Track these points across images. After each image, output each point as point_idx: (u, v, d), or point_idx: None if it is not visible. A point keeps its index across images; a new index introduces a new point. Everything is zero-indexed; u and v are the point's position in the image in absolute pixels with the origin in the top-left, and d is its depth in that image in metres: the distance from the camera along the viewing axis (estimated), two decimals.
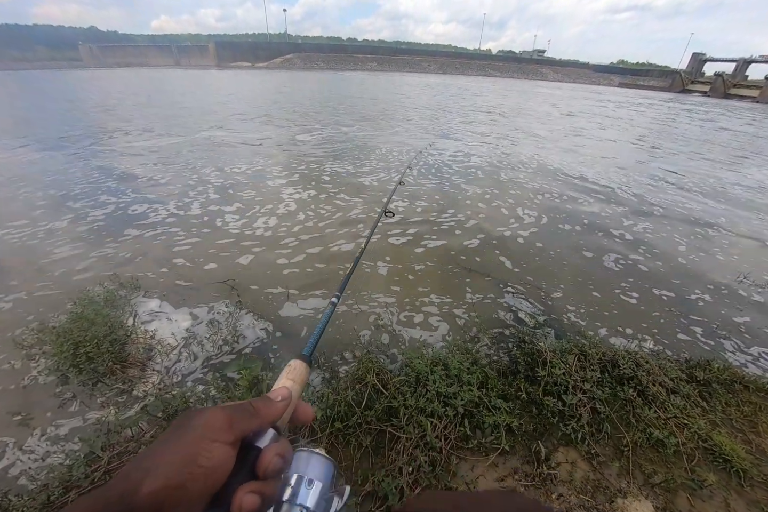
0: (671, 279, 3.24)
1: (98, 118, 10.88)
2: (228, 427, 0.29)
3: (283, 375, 0.40)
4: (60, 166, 5.89)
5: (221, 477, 0.27)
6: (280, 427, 0.34)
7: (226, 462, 0.28)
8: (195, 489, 0.26)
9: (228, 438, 0.28)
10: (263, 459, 0.30)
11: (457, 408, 1.57)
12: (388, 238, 3.67)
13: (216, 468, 0.27)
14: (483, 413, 1.58)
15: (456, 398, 1.61)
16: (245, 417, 0.31)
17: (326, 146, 7.56)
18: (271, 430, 0.32)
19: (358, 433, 1.52)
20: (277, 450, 0.31)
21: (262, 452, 0.30)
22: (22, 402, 1.86)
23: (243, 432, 0.30)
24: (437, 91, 25.50)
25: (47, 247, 3.35)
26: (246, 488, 0.28)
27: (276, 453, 0.30)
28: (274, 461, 0.30)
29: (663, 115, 19.35)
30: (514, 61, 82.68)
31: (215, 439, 0.28)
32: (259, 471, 0.30)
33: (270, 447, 0.31)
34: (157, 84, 26.88)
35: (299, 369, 0.41)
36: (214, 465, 0.27)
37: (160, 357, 2.06)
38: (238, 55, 73.89)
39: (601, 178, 6.13)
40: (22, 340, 2.20)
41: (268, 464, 0.30)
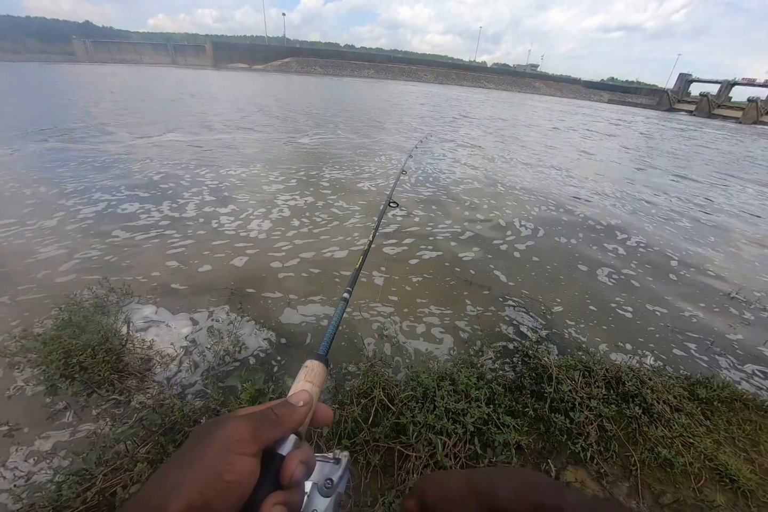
0: (664, 295, 3.32)
1: (94, 114, 10.66)
2: (252, 438, 0.28)
3: (300, 377, 0.39)
4: (52, 162, 5.73)
5: (247, 491, 0.26)
6: (302, 432, 0.33)
7: (252, 475, 0.27)
8: (221, 506, 0.25)
9: (252, 450, 0.27)
10: (287, 468, 0.29)
11: (467, 425, 1.55)
12: (383, 248, 3.65)
13: (242, 483, 0.26)
14: (492, 430, 1.56)
15: (465, 415, 1.59)
16: (269, 426, 0.30)
17: (324, 149, 7.57)
18: (292, 436, 0.31)
19: (366, 451, 1.48)
20: (300, 457, 0.30)
21: (285, 460, 0.29)
22: (7, 413, 1.75)
23: (267, 441, 0.29)
24: (435, 102, 25.95)
25: (33, 247, 3.22)
26: (272, 500, 0.27)
27: (300, 461, 0.30)
28: (299, 469, 0.29)
29: (654, 132, 20.11)
30: (508, 74, 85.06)
31: (240, 452, 0.27)
32: (284, 480, 0.29)
33: (293, 454, 0.30)
34: (155, 82, 26.61)
35: (317, 370, 0.39)
36: (239, 480, 0.26)
37: (160, 367, 1.98)
38: (235, 56, 73.94)
39: (595, 193, 6.29)
40: (5, 347, 2.09)
41: (292, 473, 0.29)
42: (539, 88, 76.34)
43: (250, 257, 3.28)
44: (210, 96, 18.73)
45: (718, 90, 55.30)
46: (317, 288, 2.89)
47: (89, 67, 45.97)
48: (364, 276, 3.09)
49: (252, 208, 4.35)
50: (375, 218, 4.32)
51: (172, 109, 12.91)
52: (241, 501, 0.26)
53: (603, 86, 79.59)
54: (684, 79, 62.78)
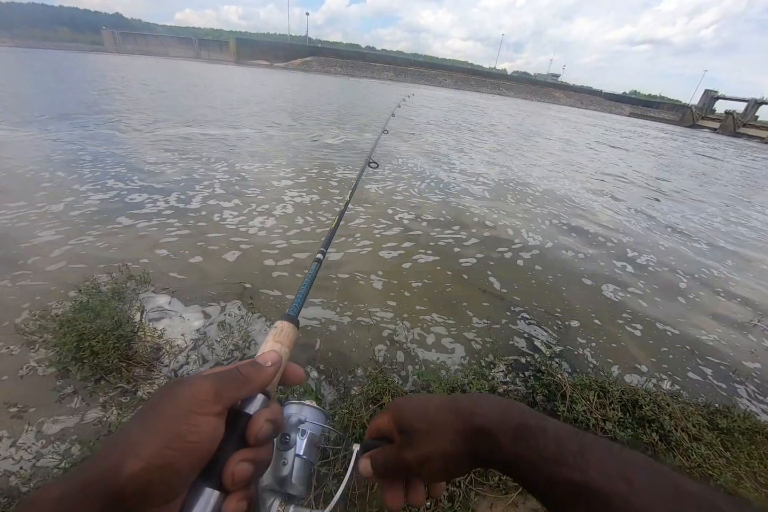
0: (675, 316, 3.20)
1: (122, 104, 10.91)
2: (215, 398, 0.27)
3: (269, 337, 0.38)
4: (76, 147, 5.86)
5: (211, 450, 0.26)
6: (270, 391, 0.33)
7: (215, 435, 0.27)
8: (183, 465, 0.25)
9: (215, 410, 0.27)
10: (253, 426, 0.29)
11: None
12: (379, 251, 3.61)
13: (205, 442, 0.26)
14: None
15: None
16: (233, 386, 0.29)
17: (343, 149, 7.59)
18: (260, 395, 0.31)
19: None
20: (267, 415, 0.30)
21: (251, 419, 0.29)
22: (18, 393, 1.77)
23: (231, 401, 0.29)
24: (456, 107, 25.90)
25: (33, 230, 3.27)
26: (237, 457, 0.27)
27: (266, 419, 0.30)
28: (265, 427, 0.29)
29: (677, 149, 19.72)
30: (528, 82, 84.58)
31: (202, 412, 0.26)
32: (250, 438, 0.29)
33: (260, 413, 0.30)
34: (180, 76, 27.13)
35: (286, 330, 0.39)
36: (202, 439, 0.26)
37: (168, 358, 1.98)
38: (257, 53, 75.05)
39: (610, 208, 6.15)
40: (23, 326, 2.12)
41: (258, 431, 0.29)
42: (559, 98, 75.70)
43: (243, 252, 3.27)
44: (233, 91, 19.03)
45: (744, 108, 54.03)
46: (314, 290, 2.88)
47: (117, 58, 47.16)
48: (376, 283, 3.06)
49: (255, 204, 4.36)
50: (381, 219, 4.36)
51: (195, 102, 13.13)
52: (206, 459, 0.26)
53: (625, 99, 78.57)
54: (709, 95, 61.56)
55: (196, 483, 0.26)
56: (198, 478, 0.26)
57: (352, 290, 2.90)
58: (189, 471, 0.25)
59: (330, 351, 2.22)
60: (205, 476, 0.26)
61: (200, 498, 0.26)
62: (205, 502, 0.26)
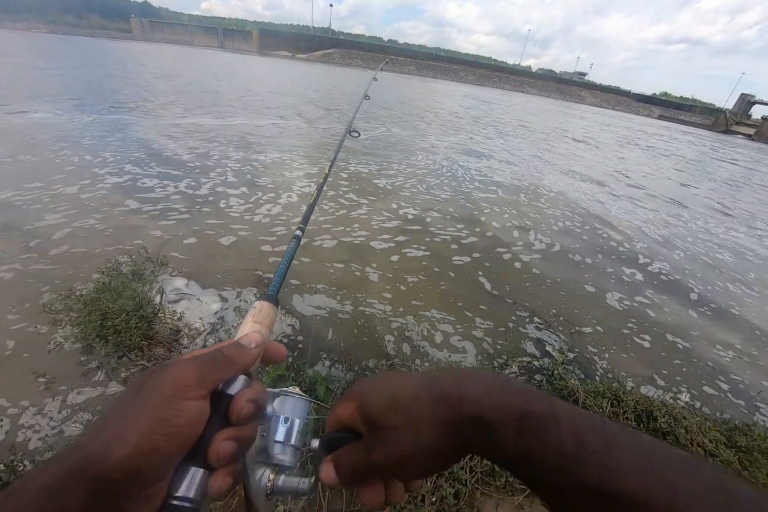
0: (686, 328, 3.08)
1: (151, 91, 11.15)
2: (198, 382, 0.27)
3: (248, 318, 0.37)
4: (106, 132, 6.04)
5: (196, 432, 0.27)
6: (252, 372, 0.33)
7: (201, 418, 0.27)
8: (170, 448, 0.25)
9: (200, 394, 0.27)
10: (235, 405, 0.29)
11: None
12: (377, 243, 3.61)
13: (191, 425, 0.26)
14: None
15: None
16: (217, 368, 0.29)
17: (363, 143, 7.56)
18: (242, 376, 0.31)
19: None
20: (248, 395, 0.30)
21: (233, 399, 0.30)
22: (46, 365, 1.86)
23: (215, 383, 0.29)
24: (478, 104, 25.38)
25: (41, 213, 3.36)
26: (221, 436, 0.28)
27: (248, 399, 0.30)
28: (247, 407, 0.29)
29: (703, 154, 18.85)
30: (553, 80, 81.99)
31: (186, 397, 0.26)
32: (232, 418, 0.29)
33: (242, 393, 0.30)
34: (206, 65, 27.45)
35: (265, 310, 0.38)
36: (188, 423, 0.26)
37: (188, 340, 2.05)
38: (280, 43, 75.16)
39: (626, 213, 5.92)
40: (49, 305, 2.21)
41: (240, 410, 0.29)
42: (585, 98, 73.20)
43: (240, 238, 3.31)
44: (257, 81, 19.16)
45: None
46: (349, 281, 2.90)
47: (147, 47, 48.01)
48: (369, 272, 3.05)
49: (261, 192, 4.40)
50: (384, 212, 4.33)
51: (219, 92, 13.29)
52: (192, 441, 0.27)
53: (654, 101, 75.31)
54: (746, 99, 58.40)
55: (182, 464, 0.26)
56: (184, 459, 0.26)
57: (366, 284, 2.91)
58: (175, 453, 0.26)
59: (342, 342, 2.25)
60: (191, 456, 0.27)
61: (186, 477, 0.26)
62: (192, 481, 0.26)
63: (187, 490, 0.26)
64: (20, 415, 1.61)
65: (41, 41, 33.88)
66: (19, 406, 1.65)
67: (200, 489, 0.27)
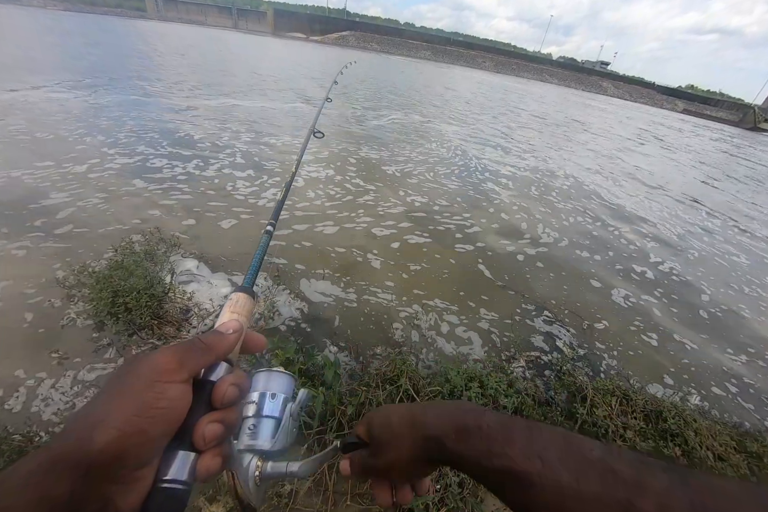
0: (696, 330, 2.99)
1: (167, 72, 11.02)
2: (179, 367, 0.28)
3: (226, 309, 0.39)
4: (122, 112, 6.01)
5: (180, 415, 0.28)
6: (232, 359, 0.34)
7: (183, 401, 0.28)
8: (155, 431, 0.26)
9: (181, 377, 0.28)
10: (218, 390, 0.30)
11: None
12: (379, 230, 3.55)
13: (174, 408, 0.27)
14: None
15: None
16: (196, 354, 0.30)
17: (379, 129, 7.40)
18: (223, 363, 0.33)
19: None
20: (230, 380, 0.31)
21: (216, 384, 0.31)
22: (59, 340, 1.90)
23: (195, 368, 0.30)
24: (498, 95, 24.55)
25: (48, 190, 3.36)
26: (207, 419, 0.29)
27: (230, 384, 0.31)
28: (229, 390, 0.30)
29: (732, 151, 18.04)
30: (574, 69, 78.66)
31: (167, 380, 0.27)
32: (216, 402, 0.30)
33: (223, 378, 0.31)
34: (223, 46, 26.94)
35: (242, 301, 0.40)
36: (171, 405, 0.27)
37: (197, 320, 2.06)
38: (294, 25, 73.24)
39: (640, 209, 5.69)
40: (64, 280, 2.24)
41: (222, 394, 0.30)
42: (606, 89, 70.25)
43: (241, 221, 3.30)
44: (274, 64, 18.77)
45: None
46: (349, 264, 2.88)
47: (162, 25, 47.19)
48: (398, 267, 3.02)
49: (267, 176, 4.35)
50: (392, 199, 4.25)
51: (236, 73, 13.07)
52: (177, 424, 0.27)
53: (680, 94, 71.92)
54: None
55: (169, 448, 0.27)
56: (171, 443, 0.27)
57: (369, 270, 2.89)
58: (161, 436, 0.26)
59: (349, 329, 2.24)
60: (178, 440, 0.28)
61: (175, 460, 0.27)
62: (180, 464, 0.27)
63: (176, 473, 0.27)
64: (35, 388, 1.65)
65: (57, 18, 33.52)
66: (34, 379, 1.69)
67: (189, 472, 0.27)
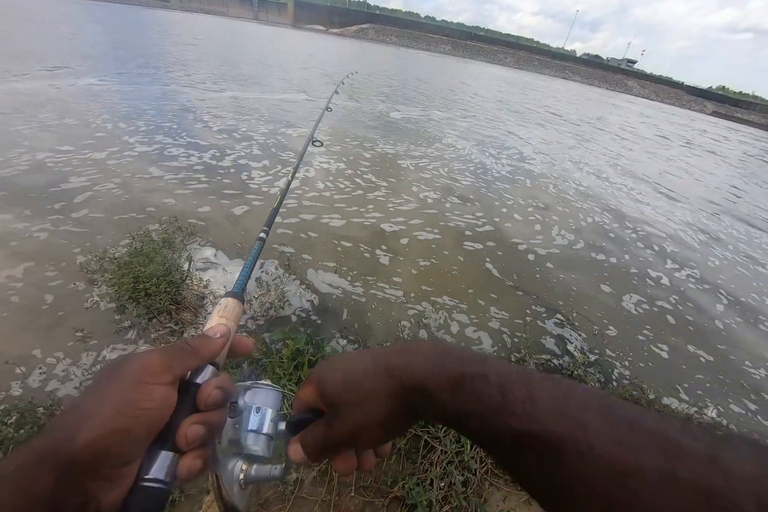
0: (711, 341, 2.88)
1: (192, 62, 11.18)
2: (165, 369, 0.28)
3: (215, 314, 0.39)
4: (144, 100, 6.14)
5: (164, 416, 0.28)
6: (219, 363, 0.34)
7: (168, 401, 0.28)
8: (138, 430, 0.26)
9: (166, 379, 0.28)
10: (202, 392, 0.30)
11: None
12: (387, 226, 3.53)
13: (159, 408, 0.27)
14: None
15: None
16: (182, 357, 0.31)
17: (401, 124, 7.34)
18: (209, 366, 0.33)
19: None
20: (215, 383, 0.31)
21: (200, 387, 0.31)
22: (83, 321, 1.97)
23: (182, 371, 0.30)
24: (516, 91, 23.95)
25: (67, 175, 3.40)
26: (189, 420, 0.29)
27: (215, 386, 0.31)
28: (214, 393, 0.30)
29: (764, 157, 17.20)
30: (598, 67, 76.09)
31: (153, 382, 0.27)
32: (200, 404, 0.30)
33: (209, 381, 0.32)
34: (243, 37, 27.06)
35: (230, 306, 0.40)
36: (155, 406, 0.27)
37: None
38: (314, 17, 73.02)
39: (661, 213, 5.49)
40: (86, 264, 2.32)
41: (207, 396, 0.30)
42: (631, 88, 67.72)
43: (252, 208, 3.34)
44: (294, 56, 18.79)
45: None
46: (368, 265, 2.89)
47: (184, 16, 47.66)
48: (406, 263, 3.01)
49: (281, 165, 4.39)
50: (404, 195, 4.22)
51: (257, 65, 13.14)
52: (160, 425, 0.27)
53: (709, 95, 68.77)
54: None
55: (152, 447, 0.27)
56: (154, 444, 0.27)
57: (376, 266, 2.89)
58: (144, 436, 0.26)
59: (357, 323, 2.26)
60: (161, 441, 0.28)
61: (156, 460, 0.27)
62: (162, 463, 0.27)
63: (156, 472, 0.27)
64: (57, 365, 1.73)
65: (84, 9, 34.27)
66: (59, 355, 1.77)
67: (170, 472, 0.28)
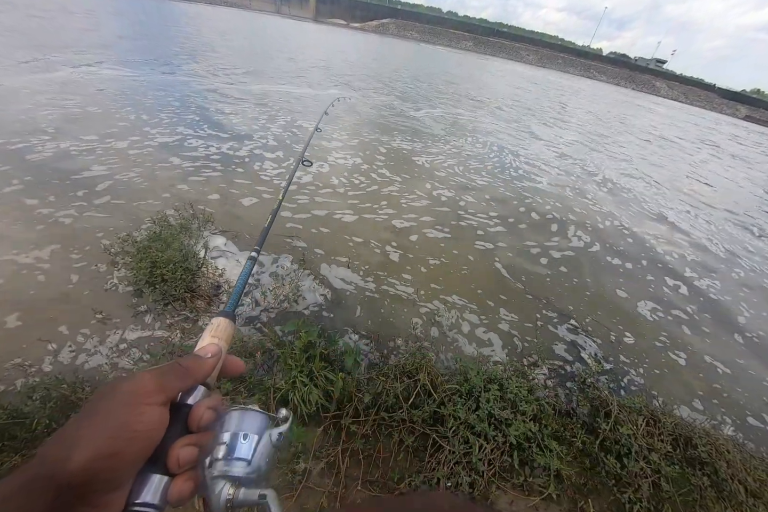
0: (729, 353, 2.76)
1: (218, 55, 11.31)
2: (158, 390, 0.28)
3: (206, 333, 0.39)
4: (164, 92, 6.24)
5: (156, 438, 0.27)
6: (210, 383, 0.34)
7: (161, 423, 0.28)
8: (130, 453, 0.25)
9: (159, 400, 0.28)
10: (194, 413, 0.31)
11: (508, 436, 1.46)
12: (399, 222, 3.48)
13: (151, 430, 0.27)
14: (534, 450, 1.46)
15: (509, 426, 1.50)
16: (175, 377, 0.31)
17: (419, 121, 7.27)
18: (200, 387, 0.33)
19: (402, 429, 1.48)
20: (207, 404, 0.31)
21: (192, 408, 0.31)
22: (103, 302, 2.03)
23: (174, 391, 0.30)
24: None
25: (90, 164, 3.49)
26: (181, 442, 0.29)
27: (207, 407, 0.31)
28: (206, 414, 0.31)
29: None
30: (625, 66, 73.38)
31: (146, 403, 0.27)
32: (192, 425, 0.30)
33: (200, 402, 0.32)
34: (266, 30, 27.13)
35: (222, 325, 0.40)
36: (148, 428, 0.27)
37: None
38: (336, 11, 72.61)
39: (684, 220, 5.28)
40: (110, 246, 2.38)
41: (199, 417, 0.30)
42: (659, 89, 65.16)
43: (260, 200, 3.35)
44: (316, 50, 18.78)
45: None
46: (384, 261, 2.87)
47: (207, 8, 48.06)
48: (416, 260, 2.98)
49: (293, 158, 4.39)
50: (417, 191, 4.16)
51: (278, 59, 13.19)
52: (152, 447, 0.27)
53: (743, 98, 65.56)
54: None
55: (142, 471, 0.27)
56: (145, 466, 0.27)
57: (387, 262, 2.87)
58: (136, 459, 0.26)
59: (369, 319, 2.26)
60: (152, 463, 0.27)
61: (147, 483, 0.27)
62: (152, 486, 0.27)
63: (147, 496, 0.26)
64: (80, 344, 1.78)
65: (108, 1, 34.96)
66: (80, 335, 1.82)
67: (161, 495, 0.27)
